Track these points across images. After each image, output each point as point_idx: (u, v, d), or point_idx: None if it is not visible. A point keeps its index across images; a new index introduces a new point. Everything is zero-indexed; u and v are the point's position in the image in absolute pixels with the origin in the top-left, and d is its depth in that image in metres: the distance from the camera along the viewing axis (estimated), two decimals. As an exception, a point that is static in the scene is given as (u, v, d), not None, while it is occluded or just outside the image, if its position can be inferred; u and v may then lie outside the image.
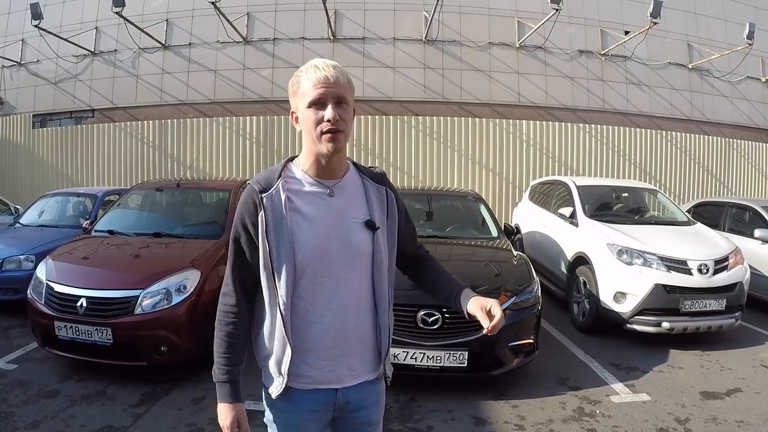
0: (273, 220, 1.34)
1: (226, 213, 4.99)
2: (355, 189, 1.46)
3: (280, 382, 1.41)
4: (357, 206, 1.44)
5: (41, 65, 11.54)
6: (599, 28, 11.02)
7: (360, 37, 10.62)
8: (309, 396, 1.42)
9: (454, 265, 4.58)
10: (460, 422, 3.39)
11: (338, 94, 1.33)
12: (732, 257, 5.22)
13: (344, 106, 1.35)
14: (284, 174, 1.41)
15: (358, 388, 1.47)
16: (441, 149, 10.58)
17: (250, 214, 1.37)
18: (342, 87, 1.34)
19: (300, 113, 1.37)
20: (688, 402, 3.77)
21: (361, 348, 1.46)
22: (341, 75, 1.34)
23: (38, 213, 7.04)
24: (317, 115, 1.32)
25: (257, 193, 1.36)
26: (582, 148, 10.86)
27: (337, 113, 1.32)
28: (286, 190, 1.37)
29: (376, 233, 1.43)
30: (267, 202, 1.35)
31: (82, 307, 3.73)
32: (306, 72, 1.35)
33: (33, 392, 3.65)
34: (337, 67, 1.35)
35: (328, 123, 1.31)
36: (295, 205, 1.37)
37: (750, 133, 11.81)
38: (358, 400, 1.48)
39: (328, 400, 1.44)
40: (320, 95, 1.31)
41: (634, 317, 4.92)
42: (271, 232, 1.34)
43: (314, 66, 1.35)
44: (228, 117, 10.71)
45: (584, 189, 6.48)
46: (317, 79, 1.32)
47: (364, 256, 1.42)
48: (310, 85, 1.33)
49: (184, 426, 3.25)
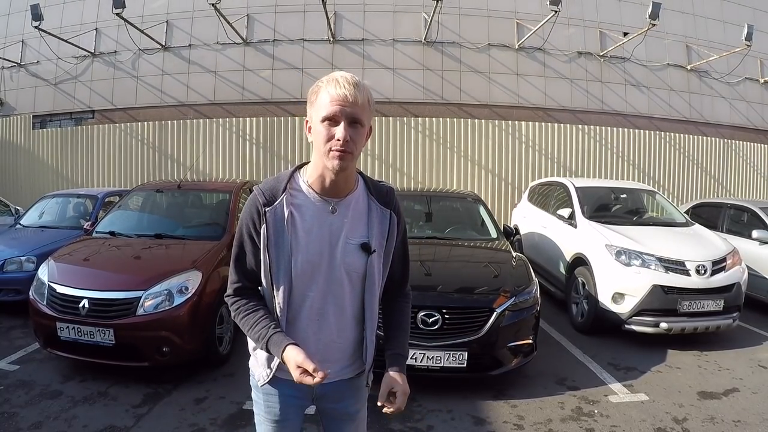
0: (274, 235, 1.38)
1: (227, 214, 5.02)
2: (358, 209, 1.46)
3: (267, 373, 1.51)
4: (356, 227, 1.44)
5: (41, 66, 11.55)
6: (598, 30, 11.05)
7: (359, 38, 10.64)
8: (289, 383, 1.45)
9: (454, 266, 4.62)
10: (460, 422, 3.42)
11: (354, 114, 1.30)
12: (730, 258, 5.25)
13: (358, 127, 1.33)
14: (290, 186, 1.42)
15: (333, 384, 1.51)
16: (440, 150, 10.61)
17: (254, 224, 1.41)
18: (359, 108, 1.31)
19: (313, 125, 1.36)
20: (685, 402, 3.80)
21: (341, 356, 1.51)
22: (361, 95, 1.31)
23: (39, 214, 7.05)
24: (329, 132, 1.31)
25: (261, 206, 1.39)
26: (581, 150, 10.89)
27: (349, 134, 1.30)
28: (290, 205, 1.39)
29: (371, 256, 1.44)
30: (270, 216, 1.38)
31: (84, 308, 3.76)
32: (326, 84, 1.33)
33: (35, 393, 3.67)
34: (358, 86, 1.32)
35: (337, 142, 1.30)
36: (296, 221, 1.39)
37: (748, 134, 11.84)
38: (336, 392, 1.55)
39: (306, 389, 1.47)
40: (335, 113, 1.29)
41: (633, 318, 4.95)
42: (272, 246, 1.38)
43: (335, 80, 1.32)
44: (228, 118, 10.73)
45: (583, 190, 6.52)
46: (336, 96, 1.29)
47: (356, 278, 1.45)
48: (327, 100, 1.30)
49: (186, 426, 3.28)
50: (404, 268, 1.63)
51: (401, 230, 1.57)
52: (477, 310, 3.76)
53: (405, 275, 1.65)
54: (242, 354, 4.39)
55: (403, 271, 1.63)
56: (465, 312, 3.75)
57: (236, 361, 4.33)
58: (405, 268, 1.64)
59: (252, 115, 10.65)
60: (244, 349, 1.64)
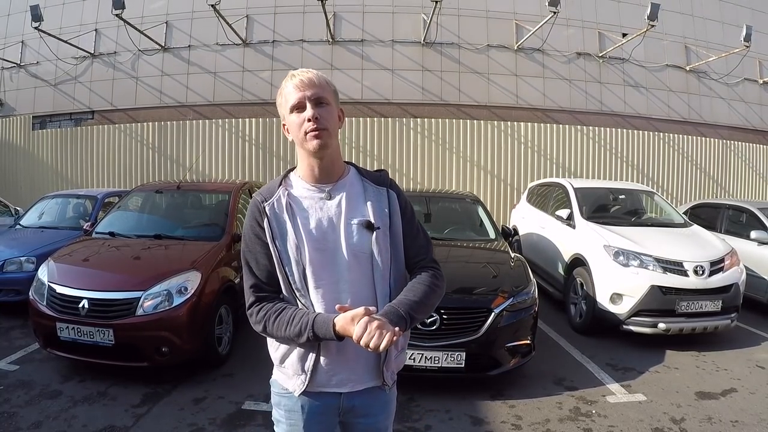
0: (277, 226, 1.41)
1: (227, 215, 5.03)
2: (353, 191, 1.47)
3: (302, 380, 1.44)
4: (355, 208, 1.45)
5: (41, 67, 11.57)
6: (597, 31, 11.08)
7: (359, 39, 10.66)
8: (315, 398, 1.45)
9: (452, 266, 4.63)
10: (458, 422, 3.43)
11: (316, 94, 1.38)
12: (728, 259, 5.26)
13: (325, 105, 1.39)
14: (284, 183, 1.48)
15: (363, 395, 1.47)
16: (439, 151, 10.62)
17: (258, 223, 1.43)
18: (319, 87, 1.39)
19: (287, 121, 1.42)
20: (683, 402, 3.82)
21: (367, 355, 1.41)
22: (317, 78, 1.40)
23: (38, 215, 7.06)
24: (300, 118, 1.38)
25: (260, 203, 1.44)
26: (579, 150, 10.90)
27: (318, 112, 1.36)
28: (286, 197, 1.43)
29: (376, 233, 1.42)
30: (269, 210, 1.42)
31: (83, 308, 3.77)
32: (285, 82, 1.42)
33: (35, 393, 3.68)
34: (311, 71, 1.41)
35: (309, 122, 1.36)
36: (295, 210, 1.42)
37: (747, 135, 11.87)
38: (364, 406, 1.49)
39: (333, 404, 1.47)
40: (299, 99, 1.37)
41: (631, 318, 4.96)
42: (276, 237, 1.40)
43: (290, 74, 1.41)
44: (227, 119, 10.74)
45: (581, 191, 6.53)
46: (294, 85, 1.38)
47: (364, 258, 1.42)
48: (289, 91, 1.39)
49: (186, 426, 3.29)
50: (419, 245, 1.53)
51: (405, 207, 1.52)
52: (475, 310, 3.78)
53: (421, 251, 1.53)
54: (241, 354, 4.41)
55: (418, 248, 1.53)
56: (463, 312, 3.76)
57: (235, 362, 4.33)
58: (420, 244, 1.53)
59: (251, 115, 10.68)
60: (244, 349, 1.63)
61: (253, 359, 4.29)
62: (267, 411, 3.37)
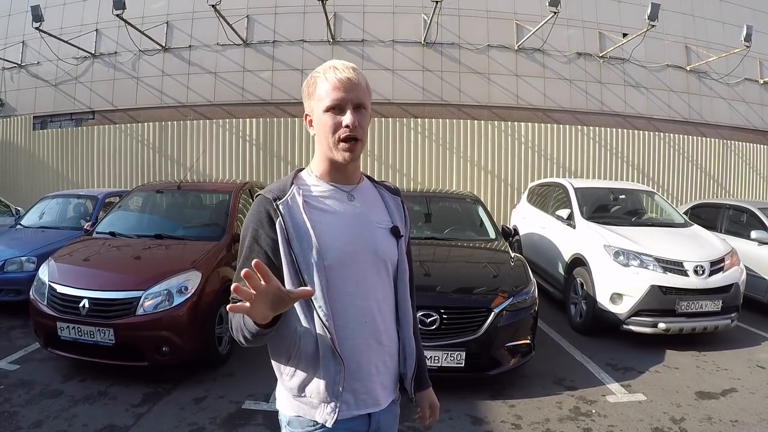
0: (293, 227, 1.21)
1: (227, 215, 5.03)
2: (373, 195, 1.38)
3: (332, 407, 1.23)
4: (379, 212, 1.35)
5: (42, 67, 11.57)
6: (597, 31, 11.07)
7: (359, 39, 10.67)
8: (345, 426, 1.26)
9: (453, 266, 4.64)
10: (458, 421, 3.43)
11: (359, 99, 1.24)
12: (728, 258, 5.26)
13: (363, 111, 1.25)
14: (296, 182, 1.30)
15: (386, 412, 1.34)
16: (439, 151, 10.62)
17: (267, 226, 1.23)
18: (362, 91, 1.25)
19: (315, 117, 1.27)
20: (683, 402, 3.82)
21: (392, 363, 1.34)
22: (362, 78, 1.25)
23: (39, 215, 7.07)
24: (335, 120, 1.22)
25: (271, 201, 1.23)
26: (580, 151, 10.90)
27: (356, 119, 1.22)
28: (302, 195, 1.26)
29: (400, 242, 1.35)
30: (284, 208, 1.22)
31: (84, 308, 3.78)
32: (324, 73, 1.25)
33: (36, 392, 3.69)
34: (356, 70, 1.26)
35: (346, 129, 1.22)
36: (315, 209, 1.25)
37: (747, 135, 11.86)
38: (387, 426, 1.37)
39: (363, 428, 1.30)
40: (339, 100, 1.22)
41: (631, 318, 4.96)
42: (293, 239, 1.20)
43: (333, 67, 1.25)
44: (228, 119, 10.75)
45: (582, 191, 6.54)
46: (337, 82, 1.22)
47: (389, 265, 1.32)
48: (328, 88, 1.23)
49: (186, 425, 3.29)
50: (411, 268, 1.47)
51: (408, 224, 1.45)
52: (475, 310, 3.78)
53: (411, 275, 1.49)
54: (242, 354, 4.42)
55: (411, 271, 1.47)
56: (463, 312, 3.77)
57: (235, 361, 4.35)
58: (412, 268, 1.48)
59: (252, 116, 10.68)
60: (244, 349, 1.50)
61: (254, 359, 4.30)
62: (267, 411, 3.40)
